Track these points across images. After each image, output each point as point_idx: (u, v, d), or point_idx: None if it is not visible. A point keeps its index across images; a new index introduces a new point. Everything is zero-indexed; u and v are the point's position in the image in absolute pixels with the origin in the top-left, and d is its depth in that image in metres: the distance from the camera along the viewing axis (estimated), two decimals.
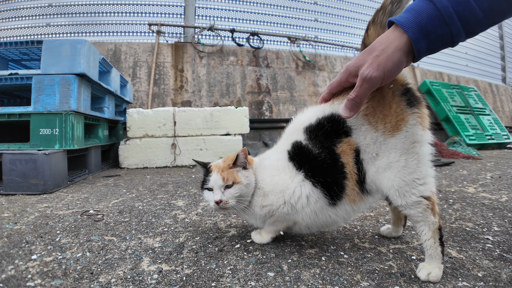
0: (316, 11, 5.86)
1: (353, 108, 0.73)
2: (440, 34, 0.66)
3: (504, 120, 7.40)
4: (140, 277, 0.77)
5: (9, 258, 0.89)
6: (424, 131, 0.76)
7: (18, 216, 1.33)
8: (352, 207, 0.84)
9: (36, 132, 2.02)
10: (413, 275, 0.77)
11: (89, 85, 2.36)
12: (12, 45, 2.19)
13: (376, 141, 0.77)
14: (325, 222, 0.88)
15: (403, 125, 0.75)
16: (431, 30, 0.65)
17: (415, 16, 0.66)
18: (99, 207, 1.47)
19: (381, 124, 0.76)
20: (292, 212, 0.88)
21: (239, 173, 0.92)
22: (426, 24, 0.65)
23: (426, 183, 0.75)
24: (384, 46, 0.68)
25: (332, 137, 0.81)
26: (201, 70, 4.69)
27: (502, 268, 0.80)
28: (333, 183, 0.81)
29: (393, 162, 0.75)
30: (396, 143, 0.75)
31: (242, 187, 0.90)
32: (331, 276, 0.77)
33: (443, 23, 0.64)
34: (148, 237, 1.06)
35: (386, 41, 0.68)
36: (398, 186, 0.75)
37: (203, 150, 3.15)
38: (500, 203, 1.49)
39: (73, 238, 1.06)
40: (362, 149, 0.78)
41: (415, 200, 0.75)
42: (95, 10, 4.79)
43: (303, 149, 0.86)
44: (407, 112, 0.75)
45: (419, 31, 0.66)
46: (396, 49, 0.67)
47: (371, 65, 0.68)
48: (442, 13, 0.64)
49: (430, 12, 0.64)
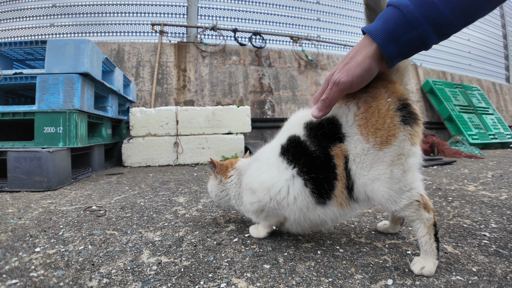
0: (319, 11, 5.87)
1: (322, 108, 0.78)
2: (409, 39, 0.69)
3: (508, 119, 7.35)
4: (140, 268, 0.79)
5: (13, 250, 0.92)
6: (412, 146, 0.77)
7: (22, 212, 1.35)
8: (339, 211, 0.84)
9: (41, 130, 2.06)
10: (407, 269, 0.78)
11: (92, 84, 2.39)
12: (16, 45, 2.22)
13: (367, 152, 0.77)
14: (314, 220, 0.89)
15: (393, 140, 0.75)
16: (399, 35, 0.69)
17: (383, 24, 0.70)
18: (102, 203, 1.50)
19: (372, 137, 0.76)
20: (279, 207, 0.90)
21: (211, 180, 1.15)
22: (394, 30, 0.69)
23: (413, 188, 0.77)
24: (354, 54, 0.73)
25: (329, 139, 0.82)
26: (203, 69, 4.72)
27: (497, 263, 0.81)
28: (324, 180, 0.83)
29: (380, 174, 0.76)
30: (384, 156, 0.76)
31: (209, 193, 1.15)
32: (326, 269, 0.78)
33: (410, 28, 0.68)
34: (149, 231, 1.09)
35: (357, 49, 0.74)
36: (388, 195, 0.77)
37: (205, 149, 3.18)
38: (499, 201, 1.49)
39: (75, 232, 1.08)
40: (351, 158, 0.79)
41: (406, 203, 0.76)
42: (98, 11, 4.84)
43: (300, 144, 0.86)
44: (399, 128, 0.75)
45: (386, 37, 0.70)
46: (366, 57, 0.72)
47: (341, 71, 0.73)
48: (408, 18, 0.67)
49: (397, 18, 0.68)
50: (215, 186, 1.11)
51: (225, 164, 1.12)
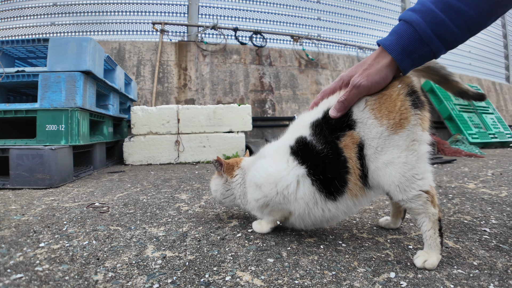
0: (319, 10, 5.87)
1: (341, 109, 0.82)
2: (422, 53, 0.76)
3: (508, 119, 7.36)
4: (145, 262, 0.80)
5: (18, 246, 0.92)
6: (423, 132, 0.79)
7: (25, 208, 1.36)
8: (354, 202, 0.85)
9: (43, 128, 2.06)
10: (409, 262, 0.79)
11: (94, 83, 2.40)
12: (19, 43, 2.23)
13: (380, 135, 0.78)
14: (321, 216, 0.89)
15: (406, 124, 0.77)
16: (412, 51, 0.76)
17: (397, 39, 0.76)
18: (105, 200, 1.51)
19: (385, 120, 0.78)
20: (285, 202, 0.90)
21: (215, 179, 1.13)
22: (408, 46, 0.75)
23: (425, 178, 0.77)
24: (373, 61, 0.79)
25: (337, 130, 0.83)
26: (204, 68, 4.72)
27: (498, 257, 0.82)
28: (335, 178, 0.83)
29: (394, 158, 0.77)
30: (398, 140, 0.77)
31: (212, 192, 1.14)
32: (329, 263, 0.79)
33: (423, 44, 0.74)
34: (153, 227, 1.09)
35: (375, 57, 0.80)
36: (398, 182, 0.77)
37: (206, 147, 3.18)
38: (499, 198, 1.50)
39: (79, 228, 1.09)
40: (367, 143, 0.80)
41: (415, 194, 0.77)
42: (99, 9, 4.84)
43: (307, 144, 0.87)
44: (410, 112, 0.77)
45: (402, 52, 0.76)
46: (384, 65, 0.78)
47: (362, 75, 0.79)
48: (421, 35, 0.73)
49: (411, 34, 0.75)
50: (221, 185, 1.10)
51: (231, 163, 1.11)
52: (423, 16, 0.72)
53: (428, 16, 0.72)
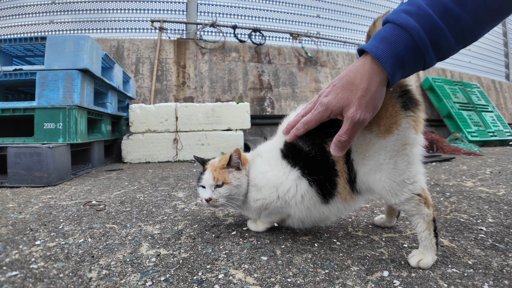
0: (318, 7, 5.85)
1: (345, 148, 0.73)
2: (414, 65, 0.67)
3: (507, 117, 7.35)
4: (139, 260, 0.80)
5: (14, 243, 0.93)
6: (417, 135, 0.77)
7: (22, 206, 1.36)
8: (344, 205, 0.85)
9: (40, 126, 2.06)
10: (403, 261, 0.79)
11: (92, 81, 2.39)
12: (16, 41, 2.22)
13: (369, 142, 0.77)
14: (318, 217, 0.89)
15: (395, 128, 0.75)
16: (407, 62, 0.66)
17: (391, 47, 0.65)
18: (101, 198, 1.51)
19: (375, 126, 0.76)
20: (285, 206, 0.90)
21: (230, 174, 0.93)
22: (403, 56, 0.65)
23: (416, 181, 0.77)
24: (366, 84, 0.67)
25: (323, 135, 0.81)
26: (203, 66, 4.71)
27: (493, 257, 0.82)
28: (326, 180, 0.82)
29: (383, 164, 0.76)
30: (386, 145, 0.75)
31: (232, 187, 0.92)
32: (322, 261, 0.79)
33: (418, 54, 0.65)
34: (148, 225, 1.09)
35: (366, 77, 0.67)
36: (389, 187, 0.76)
37: (204, 145, 3.18)
38: (497, 196, 1.50)
39: (75, 226, 1.09)
40: (354, 149, 0.79)
41: (407, 197, 0.76)
42: (98, 7, 4.82)
43: (295, 146, 0.86)
44: (401, 115, 0.75)
45: (396, 64, 0.65)
46: (379, 85, 0.68)
47: (360, 107, 0.67)
48: (418, 45, 0.63)
49: (407, 43, 0.64)
50: (245, 179, 0.96)
51: (243, 156, 1.01)
52: (421, 22, 0.62)
53: (426, 22, 0.62)
